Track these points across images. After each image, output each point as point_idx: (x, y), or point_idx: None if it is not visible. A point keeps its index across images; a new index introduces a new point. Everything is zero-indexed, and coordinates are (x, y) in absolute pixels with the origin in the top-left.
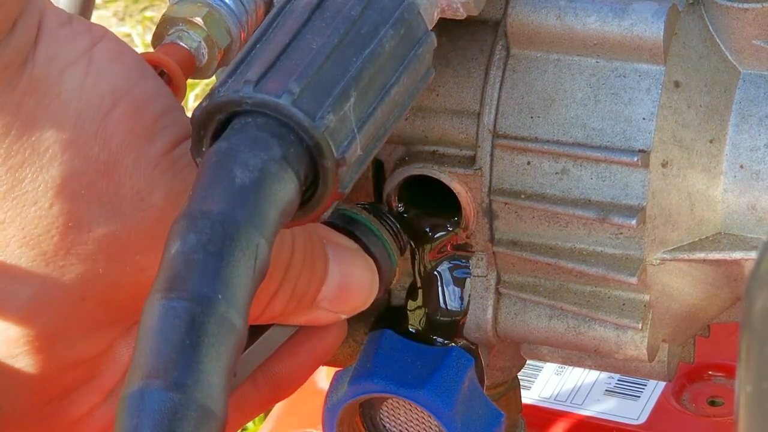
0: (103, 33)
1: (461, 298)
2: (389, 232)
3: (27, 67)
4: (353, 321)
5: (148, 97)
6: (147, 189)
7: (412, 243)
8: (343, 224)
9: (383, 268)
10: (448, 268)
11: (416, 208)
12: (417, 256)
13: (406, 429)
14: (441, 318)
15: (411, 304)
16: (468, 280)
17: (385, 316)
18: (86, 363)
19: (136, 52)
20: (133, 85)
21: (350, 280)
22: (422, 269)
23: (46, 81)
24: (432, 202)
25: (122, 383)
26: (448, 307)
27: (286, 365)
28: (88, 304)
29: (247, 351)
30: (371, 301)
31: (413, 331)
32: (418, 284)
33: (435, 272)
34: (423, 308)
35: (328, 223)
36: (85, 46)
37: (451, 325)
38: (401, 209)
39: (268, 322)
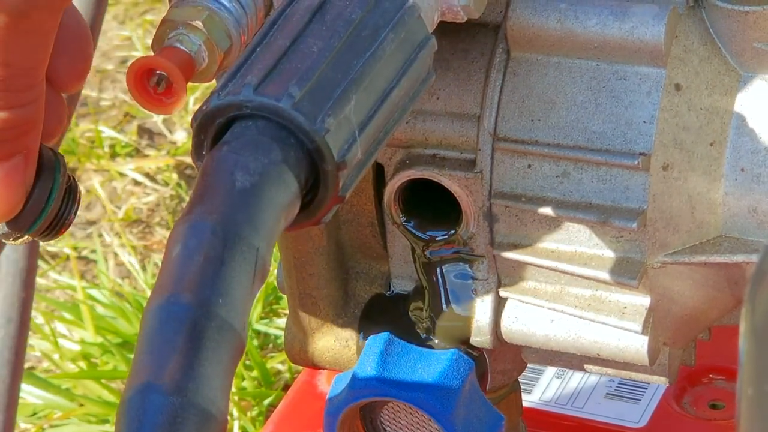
0: None
1: (465, 302)
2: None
3: None
4: (353, 325)
5: None
6: None
7: (414, 246)
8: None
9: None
10: (450, 271)
11: (417, 211)
12: (419, 260)
13: None
14: (445, 322)
15: (414, 308)
16: (470, 283)
17: (388, 319)
18: None
19: None
20: None
21: None
22: (424, 272)
23: None
24: (432, 205)
25: None
26: (453, 312)
27: None
28: None
29: None
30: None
31: (419, 335)
32: (422, 287)
33: (437, 276)
34: (427, 312)
35: None
36: None
37: (455, 329)
38: (401, 213)
39: None
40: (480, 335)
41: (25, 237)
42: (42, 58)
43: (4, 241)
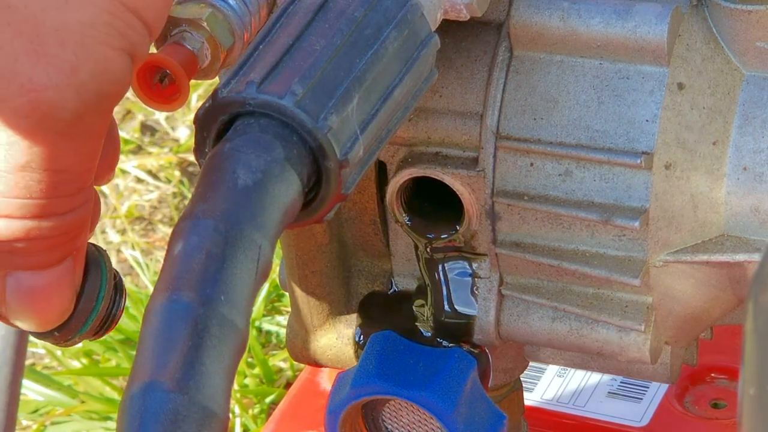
0: None
1: (467, 300)
2: (116, 285)
3: None
4: (352, 322)
5: None
6: None
7: (416, 244)
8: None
9: (83, 306)
10: (452, 269)
11: (419, 209)
12: (421, 258)
13: (409, 431)
14: (448, 320)
15: (417, 306)
16: (472, 281)
17: (390, 318)
18: None
19: None
20: None
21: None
22: (426, 270)
23: None
24: (435, 203)
25: None
26: (455, 310)
27: None
28: None
29: None
30: (43, 324)
31: (423, 333)
32: (425, 285)
33: (439, 274)
34: (429, 310)
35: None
36: None
37: (458, 328)
38: (404, 211)
39: None
40: (482, 333)
41: (75, 338)
42: (93, 160)
43: (54, 344)
